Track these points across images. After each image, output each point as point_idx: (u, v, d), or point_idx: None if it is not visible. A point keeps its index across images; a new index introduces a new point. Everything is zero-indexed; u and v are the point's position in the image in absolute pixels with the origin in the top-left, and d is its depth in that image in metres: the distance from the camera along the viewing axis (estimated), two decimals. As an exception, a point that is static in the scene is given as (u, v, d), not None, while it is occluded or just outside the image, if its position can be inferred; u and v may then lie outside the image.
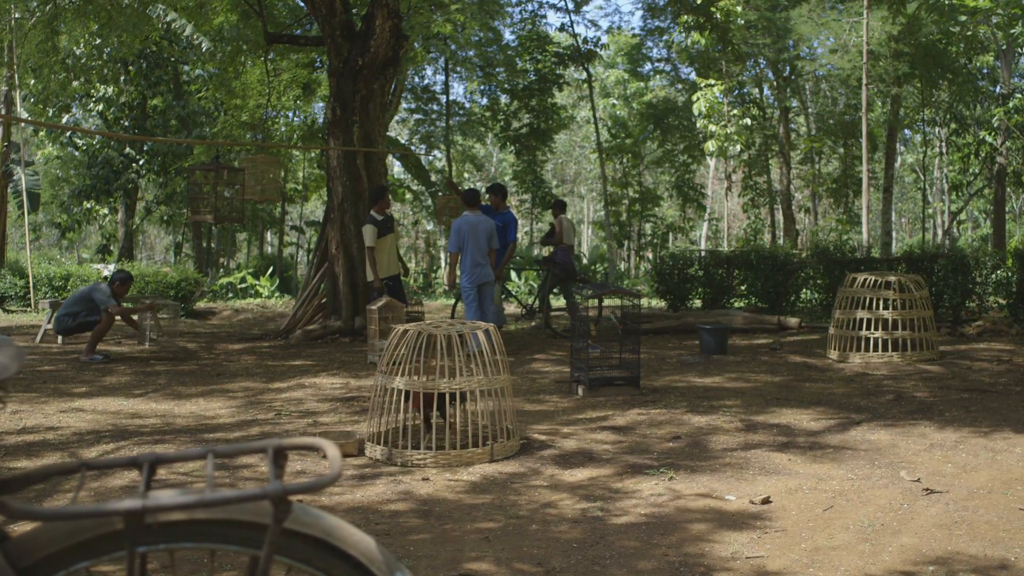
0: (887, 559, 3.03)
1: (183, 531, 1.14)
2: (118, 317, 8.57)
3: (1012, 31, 15.81)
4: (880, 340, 7.79)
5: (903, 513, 3.53)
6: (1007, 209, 23.09)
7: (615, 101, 25.76)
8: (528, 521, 3.48)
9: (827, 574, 2.90)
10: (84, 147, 19.15)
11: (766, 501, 3.69)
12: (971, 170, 19.60)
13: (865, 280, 8.04)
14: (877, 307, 7.89)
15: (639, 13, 50.47)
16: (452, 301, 14.01)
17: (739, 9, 16.93)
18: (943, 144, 22.38)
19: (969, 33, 16.87)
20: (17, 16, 12.97)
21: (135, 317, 9.04)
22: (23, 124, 16.77)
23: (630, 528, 3.38)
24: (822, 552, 3.10)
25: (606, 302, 11.25)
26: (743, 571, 2.91)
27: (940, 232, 25.02)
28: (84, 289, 8.73)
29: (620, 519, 3.49)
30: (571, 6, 20.61)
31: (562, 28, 22.27)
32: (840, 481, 4.02)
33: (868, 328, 7.87)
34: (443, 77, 22.05)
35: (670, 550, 3.12)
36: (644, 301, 15.01)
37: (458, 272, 8.33)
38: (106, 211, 20.37)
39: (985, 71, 20.00)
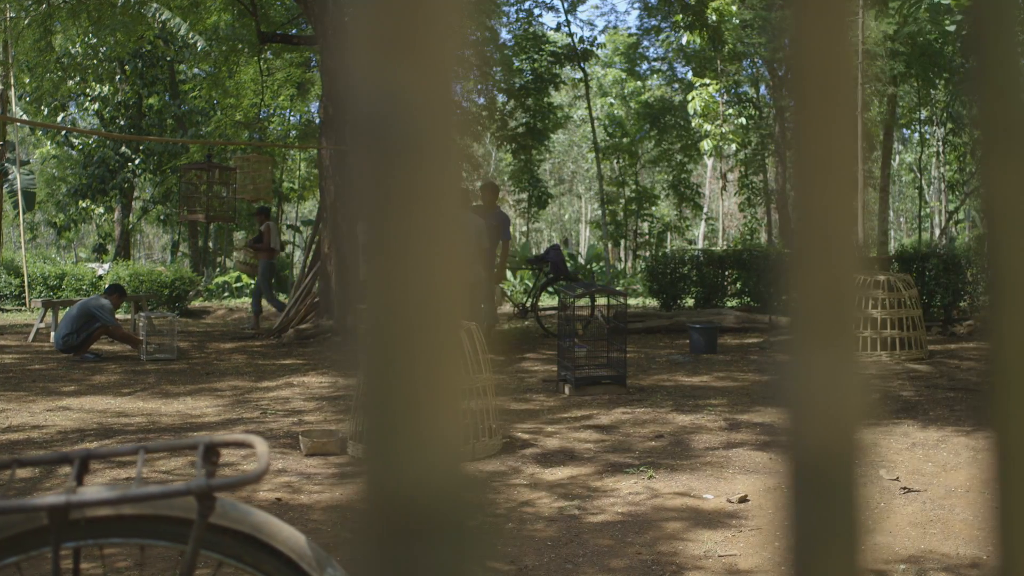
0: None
1: (111, 527, 1.14)
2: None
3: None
4: (868, 339, 7.80)
5: (879, 512, 3.53)
6: None
7: (612, 100, 25.78)
8: (504, 519, 3.49)
9: (801, 572, 2.91)
10: (80, 146, 19.16)
11: (743, 500, 3.70)
12: (968, 169, 19.62)
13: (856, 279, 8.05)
14: (866, 306, 7.90)
15: (635, 12, 50.54)
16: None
17: (734, 8, 16.95)
18: (940, 143, 22.41)
19: (966, 32, 16.85)
20: (12, 16, 12.99)
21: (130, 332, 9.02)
22: (18, 123, 16.79)
23: (605, 527, 3.39)
24: (795, 550, 3.11)
25: (587, 301, 11.26)
26: (714, 570, 2.92)
27: (938, 232, 25.05)
28: (82, 305, 8.46)
29: (596, 518, 3.50)
30: (566, 6, 20.62)
31: (558, 28, 22.27)
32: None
33: (859, 327, 7.87)
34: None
35: (643, 548, 3.13)
36: (638, 300, 15.02)
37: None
38: (102, 210, 20.39)
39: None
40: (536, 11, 29.23)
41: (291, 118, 19.33)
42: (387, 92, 0.32)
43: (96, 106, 18.59)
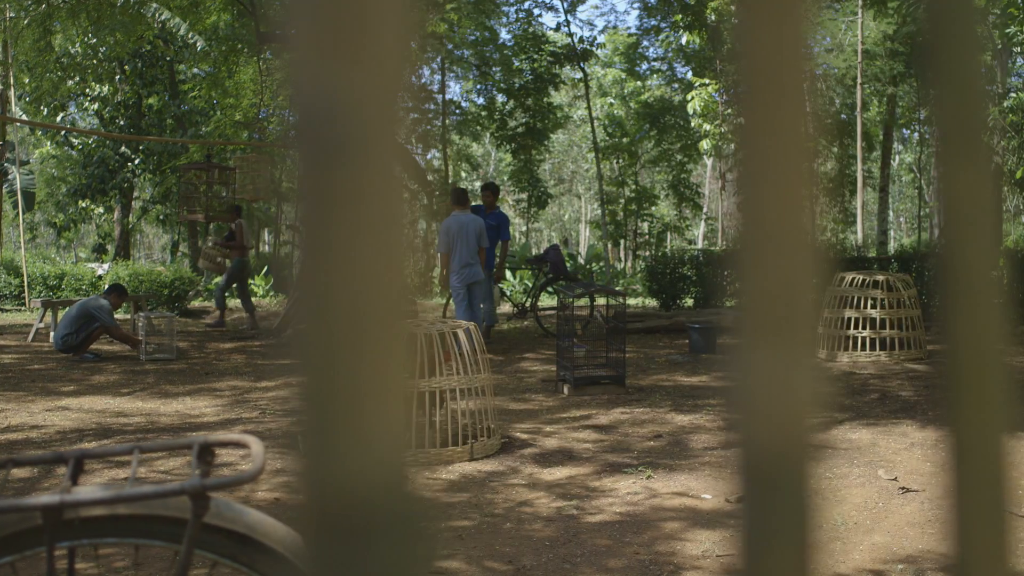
0: (857, 557, 3.04)
1: (106, 527, 1.14)
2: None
3: (1007, 30, 15.83)
4: (868, 339, 7.80)
5: (877, 512, 3.54)
6: (1005, 208, 23.12)
7: (612, 100, 25.77)
8: (503, 519, 3.49)
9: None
10: (80, 146, 19.17)
11: (740, 500, 3.70)
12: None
13: (853, 279, 8.05)
14: (865, 306, 7.90)
15: (635, 12, 50.54)
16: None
17: (733, 8, 16.92)
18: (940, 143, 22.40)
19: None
20: (12, 16, 12.99)
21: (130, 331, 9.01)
22: (18, 124, 16.80)
23: (603, 526, 3.39)
24: (793, 550, 3.11)
25: (586, 301, 11.27)
26: (712, 569, 2.92)
27: (937, 232, 25.00)
28: (80, 305, 8.42)
29: (594, 517, 3.50)
30: (566, 6, 20.61)
31: (557, 28, 22.27)
32: (816, 480, 4.02)
33: (856, 327, 7.88)
34: (439, 76, 22.06)
35: (641, 548, 3.13)
36: (638, 300, 15.02)
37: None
38: (102, 210, 20.40)
39: (983, 71, 20.00)
40: (536, 11, 29.21)
41: (291, 118, 19.32)
42: (326, 91, 0.32)
43: (96, 106, 18.59)
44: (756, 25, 0.36)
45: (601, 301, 9.39)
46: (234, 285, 11.53)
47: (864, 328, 7.85)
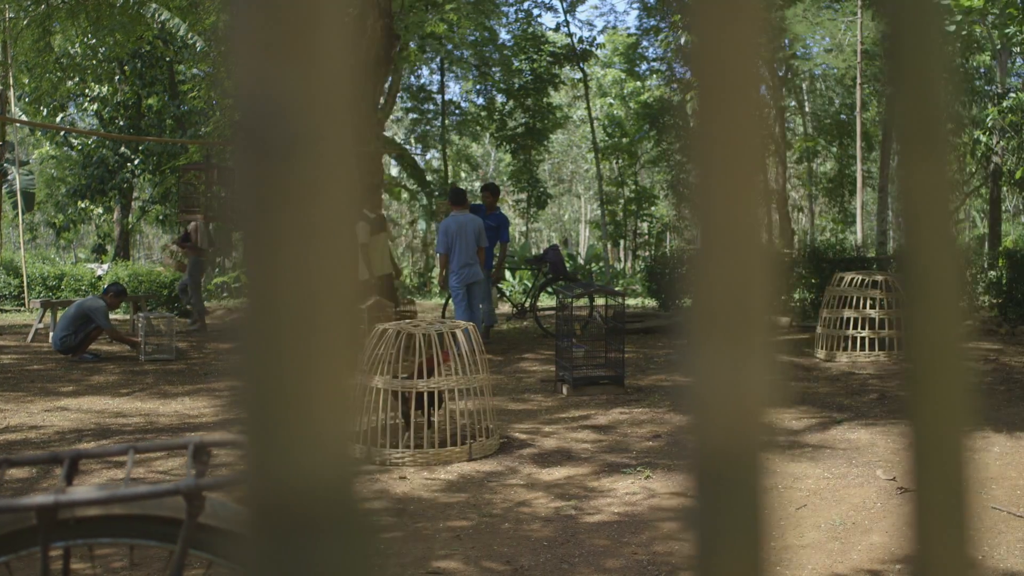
0: (855, 557, 3.04)
1: (101, 527, 1.14)
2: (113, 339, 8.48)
3: (1007, 31, 15.81)
4: (867, 339, 7.80)
5: (875, 512, 3.54)
6: (1004, 208, 23.13)
7: (611, 101, 25.78)
8: (501, 520, 3.49)
9: (794, 572, 2.91)
10: (79, 147, 19.16)
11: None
12: (967, 169, 19.62)
13: (852, 279, 8.05)
14: (864, 306, 7.90)
15: (634, 12, 50.55)
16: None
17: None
18: (939, 144, 22.39)
19: (964, 33, 16.90)
20: (11, 16, 12.99)
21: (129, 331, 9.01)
22: (18, 124, 16.80)
23: (602, 527, 3.39)
24: (791, 550, 3.11)
25: (585, 301, 11.28)
26: (710, 569, 2.92)
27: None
28: (78, 305, 8.40)
29: (593, 518, 3.50)
30: (565, 6, 20.61)
31: (557, 28, 22.27)
32: (816, 480, 4.03)
33: (855, 327, 7.88)
34: (439, 76, 22.06)
35: (639, 548, 3.13)
36: (637, 300, 15.02)
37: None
38: (101, 211, 20.39)
39: (982, 71, 20.02)
40: (535, 11, 29.22)
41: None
42: (267, 93, 0.32)
43: (95, 106, 18.58)
44: (706, 26, 0.36)
45: (600, 301, 9.39)
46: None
47: (863, 328, 7.85)
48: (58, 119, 18.30)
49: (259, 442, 0.32)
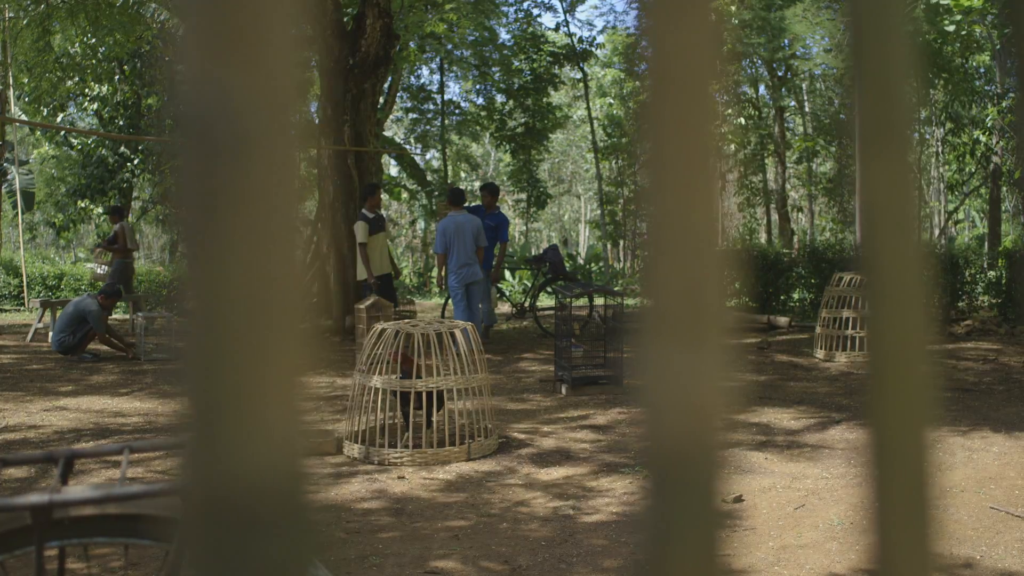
0: (853, 557, 3.04)
1: (96, 526, 1.14)
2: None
3: (1006, 31, 15.79)
4: (866, 339, 7.79)
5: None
6: (1004, 208, 23.11)
7: (611, 100, 25.78)
8: (499, 519, 3.49)
9: (792, 572, 2.91)
10: (79, 146, 19.16)
11: (738, 500, 3.70)
12: (967, 169, 19.61)
13: (851, 279, 8.05)
14: (863, 306, 7.88)
15: (634, 12, 50.43)
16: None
17: (733, 8, 16.95)
18: (939, 143, 22.40)
19: (964, 33, 16.88)
20: (11, 16, 12.99)
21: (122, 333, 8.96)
22: (18, 124, 16.80)
23: (600, 527, 3.39)
24: (789, 550, 3.11)
25: (584, 301, 11.28)
26: (708, 569, 2.92)
27: (937, 232, 25.04)
28: (74, 304, 8.36)
29: (591, 517, 3.50)
30: (565, 6, 20.62)
31: (556, 28, 22.26)
32: (814, 480, 4.03)
33: (854, 327, 7.88)
34: (439, 76, 22.06)
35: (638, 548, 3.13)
36: (637, 300, 15.02)
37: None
38: (101, 210, 20.38)
39: (982, 71, 20.01)
40: (535, 11, 29.20)
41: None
42: (213, 93, 0.32)
43: (95, 106, 18.57)
44: (658, 25, 0.36)
45: (600, 301, 9.39)
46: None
47: (862, 328, 7.84)
48: (58, 119, 18.30)
49: (204, 438, 0.32)
